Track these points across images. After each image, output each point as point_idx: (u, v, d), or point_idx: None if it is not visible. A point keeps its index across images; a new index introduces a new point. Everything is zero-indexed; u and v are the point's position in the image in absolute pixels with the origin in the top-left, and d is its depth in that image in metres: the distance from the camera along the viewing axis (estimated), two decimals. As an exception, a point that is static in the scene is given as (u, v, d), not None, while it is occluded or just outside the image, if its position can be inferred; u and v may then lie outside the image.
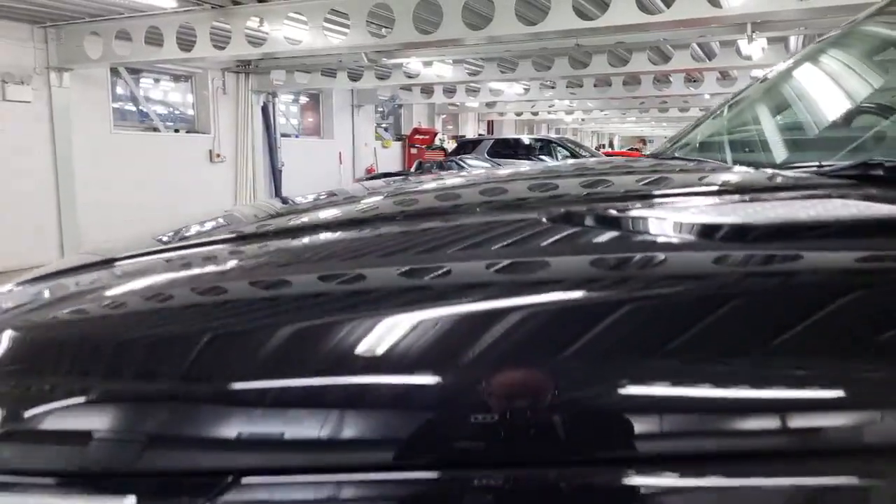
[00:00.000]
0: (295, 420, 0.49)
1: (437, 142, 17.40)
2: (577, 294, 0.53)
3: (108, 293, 0.67)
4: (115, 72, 9.71)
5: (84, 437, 0.52)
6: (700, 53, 10.65)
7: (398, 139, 17.09)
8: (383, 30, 7.64)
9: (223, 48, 7.82)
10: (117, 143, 9.61)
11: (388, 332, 0.51)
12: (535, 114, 20.91)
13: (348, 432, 0.48)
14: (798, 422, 0.45)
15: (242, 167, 11.80)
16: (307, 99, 14.54)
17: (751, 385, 0.46)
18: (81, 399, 0.52)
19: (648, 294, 0.52)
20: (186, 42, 7.87)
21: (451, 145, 17.45)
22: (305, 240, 0.80)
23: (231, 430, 0.49)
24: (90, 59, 8.38)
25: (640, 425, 0.45)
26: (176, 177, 10.34)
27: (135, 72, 10.23)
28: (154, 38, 7.99)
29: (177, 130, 11.08)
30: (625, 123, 26.83)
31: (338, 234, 0.81)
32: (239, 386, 0.50)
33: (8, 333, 0.59)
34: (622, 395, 0.46)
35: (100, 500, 0.49)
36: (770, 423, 0.45)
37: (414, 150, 16.61)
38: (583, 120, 24.78)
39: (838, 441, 0.45)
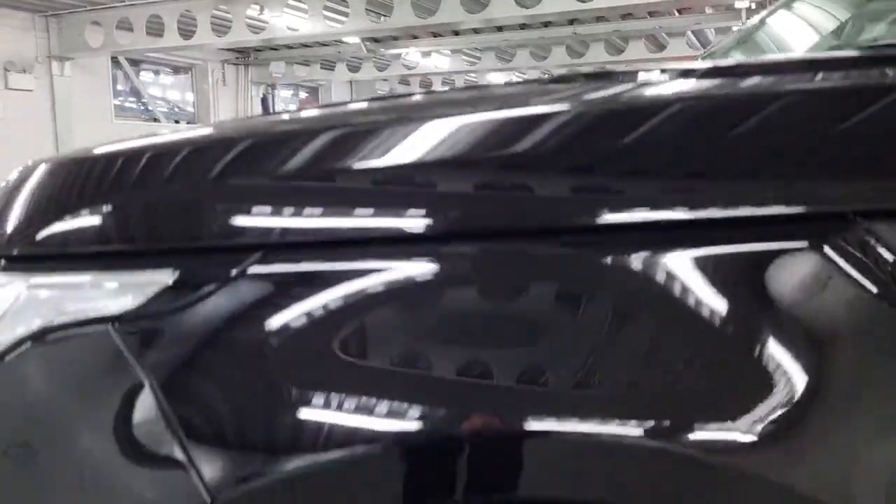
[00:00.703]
0: (314, 200, 0.56)
1: (435, 135, 17.43)
2: (561, 104, 0.60)
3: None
4: (115, 63, 9.77)
5: (128, 217, 0.59)
6: (695, 42, 10.73)
7: (397, 133, 17.12)
8: (382, 18, 7.70)
9: (223, 36, 7.89)
10: (118, 133, 9.67)
11: (408, 130, 0.57)
12: (534, 108, 20.92)
13: (372, 208, 0.55)
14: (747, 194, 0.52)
15: (242, 158, 11.86)
16: (306, 94, 14.59)
17: (715, 172, 0.53)
18: (125, 194, 0.60)
19: (627, 106, 0.58)
20: (187, 31, 7.94)
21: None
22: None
23: (259, 209, 0.56)
24: (91, 48, 8.45)
25: (619, 196, 0.53)
26: (176, 167, 10.38)
27: (135, 63, 10.29)
28: (155, 28, 8.06)
29: (177, 121, 11.14)
30: (623, 118, 26.77)
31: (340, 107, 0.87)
32: (264, 171, 0.57)
33: (56, 166, 0.67)
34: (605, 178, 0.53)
35: (144, 272, 0.57)
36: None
37: (413, 144, 16.66)
38: (581, 114, 24.75)
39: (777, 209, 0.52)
